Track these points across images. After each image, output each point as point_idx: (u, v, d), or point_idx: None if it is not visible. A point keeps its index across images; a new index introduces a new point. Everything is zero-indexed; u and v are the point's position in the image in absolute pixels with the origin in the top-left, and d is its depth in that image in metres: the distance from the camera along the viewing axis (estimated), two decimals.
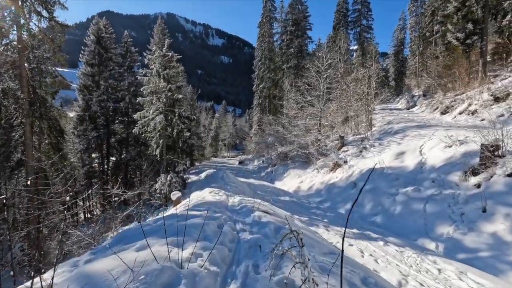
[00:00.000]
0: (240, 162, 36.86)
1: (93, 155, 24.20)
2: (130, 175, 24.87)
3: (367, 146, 13.45)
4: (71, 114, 21.96)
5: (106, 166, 25.02)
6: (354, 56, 43.01)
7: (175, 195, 9.86)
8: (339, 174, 12.37)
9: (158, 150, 13.17)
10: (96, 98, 21.49)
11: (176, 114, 13.16)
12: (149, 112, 12.95)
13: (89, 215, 24.48)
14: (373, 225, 7.78)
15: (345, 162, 13.09)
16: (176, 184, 12.64)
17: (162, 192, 12.69)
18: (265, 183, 16.87)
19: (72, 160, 21.99)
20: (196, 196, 10.00)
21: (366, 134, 16.14)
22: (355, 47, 47.23)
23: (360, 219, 8.36)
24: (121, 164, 24.78)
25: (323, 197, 11.65)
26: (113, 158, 26.06)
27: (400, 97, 34.71)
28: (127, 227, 11.83)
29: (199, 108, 58.25)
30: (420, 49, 37.19)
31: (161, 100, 12.82)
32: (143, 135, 13.28)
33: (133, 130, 13.01)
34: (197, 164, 39.81)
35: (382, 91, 21.51)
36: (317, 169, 15.03)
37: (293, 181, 15.50)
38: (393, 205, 8.03)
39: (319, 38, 40.16)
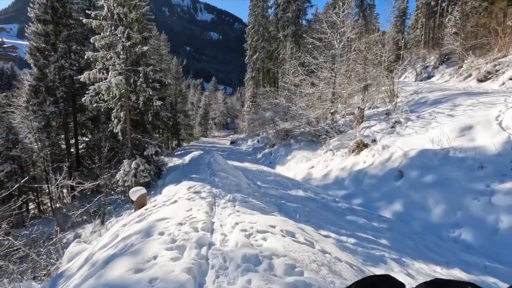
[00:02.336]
0: (232, 142, 33.47)
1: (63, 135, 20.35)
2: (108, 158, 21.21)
3: (401, 120, 10.16)
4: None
5: (75, 149, 21.24)
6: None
7: (135, 193, 6.45)
8: (368, 158, 9.12)
9: (119, 127, 9.58)
10: (54, 64, 17.30)
11: (141, 75, 9.44)
12: (104, 73, 9.22)
13: (57, 205, 20.99)
14: (462, 247, 4.59)
15: (374, 141, 9.82)
16: (144, 173, 9.22)
17: (126, 184, 9.31)
18: (264, 167, 13.59)
19: (27, 140, 18.09)
20: (168, 195, 6.62)
21: (389, 106, 12.86)
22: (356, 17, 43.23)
23: (430, 232, 5.18)
24: (95, 146, 21.04)
25: (348, 189, 8.44)
26: (86, 138, 22.26)
27: (403, 70, 31.36)
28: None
29: (186, 83, 53.63)
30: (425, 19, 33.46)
31: (120, 57, 9.04)
32: (95, 106, 9.62)
33: (83, 99, 9.32)
34: (184, 144, 36.21)
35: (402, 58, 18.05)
36: (331, 150, 11.75)
37: (300, 165, 12.23)
38: (489, 211, 4.83)
39: (316, 7, 35.48)
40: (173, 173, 8.79)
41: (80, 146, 21.84)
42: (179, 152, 23.85)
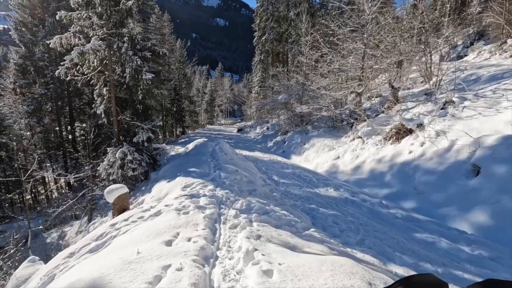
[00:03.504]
0: (239, 130, 31.61)
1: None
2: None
3: (453, 99, 8.08)
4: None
5: (70, 135, 19.71)
6: None
7: (112, 193, 4.66)
8: (415, 147, 7.15)
9: (102, 107, 7.75)
10: (42, 40, 15.47)
11: (126, 39, 7.45)
12: (80, 38, 7.27)
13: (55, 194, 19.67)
14: None
15: (420, 125, 7.80)
16: (134, 163, 7.42)
17: (112, 177, 7.58)
18: (278, 157, 11.72)
19: (16, 126, 16.52)
20: (157, 196, 4.83)
21: (426, 86, 10.76)
22: None
23: None
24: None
25: (391, 187, 6.53)
26: (84, 125, 20.69)
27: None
28: None
29: (191, 70, 51.44)
30: None
31: (99, 15, 7.03)
32: (75, 81, 7.75)
33: (57, 72, 7.44)
34: (189, 132, 34.50)
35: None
36: (360, 137, 9.78)
37: (322, 156, 10.31)
38: None
39: None
40: (169, 165, 6.99)
41: (78, 133, 20.29)
42: (182, 140, 22.15)
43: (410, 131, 8.00)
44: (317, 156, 10.55)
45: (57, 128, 18.59)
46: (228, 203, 3.72)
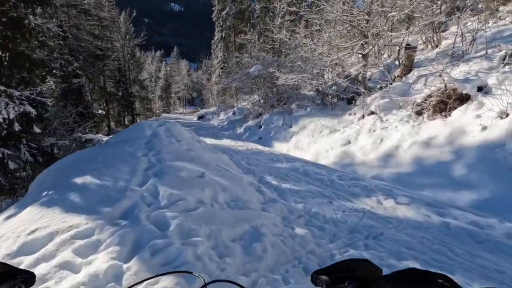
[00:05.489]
0: (200, 117, 27.82)
1: None
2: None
3: None
4: None
5: None
6: None
7: None
8: (490, 121, 4.44)
9: None
10: None
11: None
12: None
13: None
14: None
15: (480, 89, 5.13)
16: None
17: None
18: (257, 146, 8.52)
19: None
20: None
21: (436, 50, 8.37)
22: None
23: None
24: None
25: (479, 187, 3.75)
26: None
27: None
28: None
29: (144, 55, 45.27)
30: None
31: None
32: None
33: None
34: (141, 121, 29.69)
35: None
36: (373, 113, 6.99)
37: (323, 141, 7.34)
38: None
39: None
40: (51, 169, 3.37)
41: None
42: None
43: (465, 98, 5.31)
44: (314, 141, 7.54)
45: None
46: None
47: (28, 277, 0.46)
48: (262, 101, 13.52)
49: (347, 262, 0.47)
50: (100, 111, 24.17)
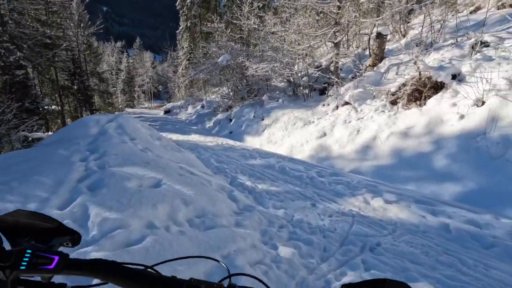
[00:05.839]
0: (167, 112, 26.49)
1: None
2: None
3: (487, 39, 5.53)
4: None
5: None
6: None
7: None
8: (466, 109, 4.34)
9: None
10: None
11: None
12: None
13: None
14: None
15: (454, 77, 5.02)
16: None
17: None
18: (227, 141, 7.99)
19: None
20: None
21: (403, 40, 8.47)
22: None
23: None
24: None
25: (461, 179, 3.58)
26: None
27: None
28: None
29: (103, 46, 41.94)
30: None
31: None
32: None
33: None
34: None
35: None
36: (348, 103, 6.76)
37: (297, 133, 6.98)
38: None
39: None
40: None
41: None
42: None
43: (440, 87, 5.18)
44: (288, 134, 7.16)
45: None
46: None
47: (76, 236, 0.49)
48: (231, 93, 12.92)
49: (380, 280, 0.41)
50: (53, 107, 22.11)
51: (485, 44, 5.51)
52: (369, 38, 8.70)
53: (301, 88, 9.19)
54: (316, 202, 2.92)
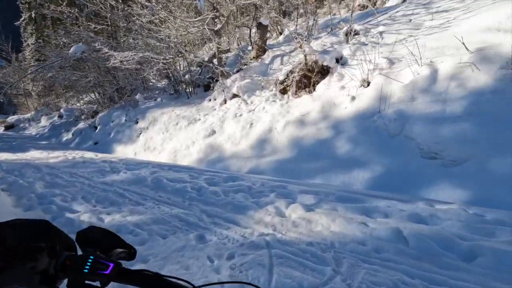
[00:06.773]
0: (10, 127, 20.18)
1: None
2: None
3: (357, 28, 5.78)
4: None
5: None
6: None
7: None
8: (356, 91, 4.16)
9: None
10: None
11: None
12: None
13: None
14: None
15: (337, 61, 4.89)
16: None
17: None
18: (88, 154, 5.89)
19: None
20: None
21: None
22: None
23: None
24: None
25: (373, 164, 3.18)
26: None
27: None
28: None
29: None
30: None
31: None
32: None
33: None
34: None
35: None
36: (237, 96, 6.00)
37: (181, 135, 5.69)
38: None
39: None
40: None
41: None
42: None
43: (326, 71, 4.96)
44: (169, 137, 5.78)
45: None
46: None
47: (132, 251, 0.51)
48: (98, 95, 10.34)
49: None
50: None
51: (356, 32, 5.73)
52: (250, 30, 8.29)
53: (184, 85, 7.92)
54: (206, 231, 1.78)
